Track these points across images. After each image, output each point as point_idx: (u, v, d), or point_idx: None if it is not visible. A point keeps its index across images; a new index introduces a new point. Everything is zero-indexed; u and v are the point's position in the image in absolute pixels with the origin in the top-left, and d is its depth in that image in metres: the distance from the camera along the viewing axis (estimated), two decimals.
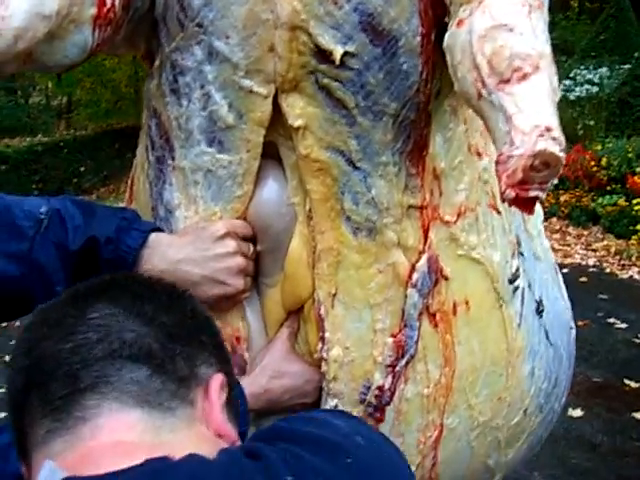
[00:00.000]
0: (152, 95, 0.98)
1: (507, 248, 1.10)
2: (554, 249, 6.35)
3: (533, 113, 0.65)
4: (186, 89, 0.92)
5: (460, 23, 0.75)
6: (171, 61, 0.92)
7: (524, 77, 0.67)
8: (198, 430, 0.65)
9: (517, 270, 1.11)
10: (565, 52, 11.28)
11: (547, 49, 0.69)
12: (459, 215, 1.02)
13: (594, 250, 6.41)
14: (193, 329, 0.69)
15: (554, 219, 7.37)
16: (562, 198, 7.50)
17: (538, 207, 1.27)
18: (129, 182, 1.15)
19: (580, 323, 4.47)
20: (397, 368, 1.02)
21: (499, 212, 1.08)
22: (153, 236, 0.96)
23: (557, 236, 6.86)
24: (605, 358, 4.13)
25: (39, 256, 0.91)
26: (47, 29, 0.75)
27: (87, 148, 11.89)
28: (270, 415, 1.03)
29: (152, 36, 0.94)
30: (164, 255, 0.95)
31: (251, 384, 0.99)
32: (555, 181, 0.66)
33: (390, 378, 1.02)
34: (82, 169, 11.74)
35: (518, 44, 0.68)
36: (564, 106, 9.39)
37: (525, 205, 0.67)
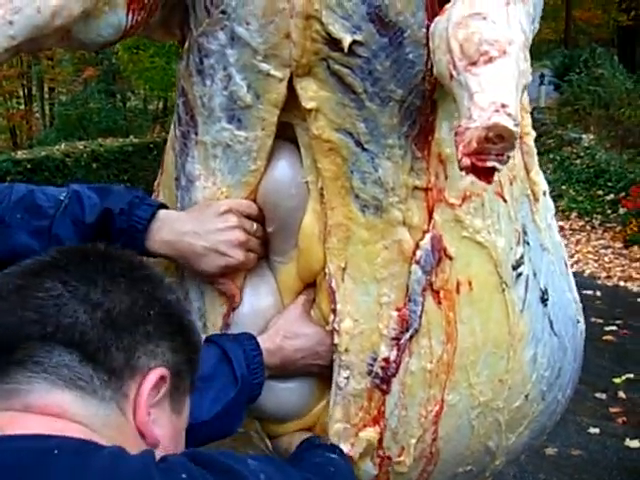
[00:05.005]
0: (181, 75, 1.07)
1: (512, 235, 1.14)
2: (632, 277, 6.27)
3: (493, 91, 0.71)
4: (210, 70, 1.02)
5: (443, 11, 0.83)
6: (198, 44, 1.02)
7: (490, 60, 0.74)
8: (127, 425, 0.67)
9: (521, 257, 1.16)
10: None
11: (519, 37, 0.75)
12: (464, 199, 1.08)
13: None
14: (141, 318, 0.69)
15: (635, 247, 7.25)
16: None
17: (549, 202, 1.32)
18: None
19: None
20: (402, 341, 1.08)
21: (505, 200, 1.13)
22: (163, 212, 1.06)
23: (637, 264, 6.74)
24: None
25: (59, 231, 1.01)
26: (82, 8, 0.85)
27: None
28: (288, 377, 1.11)
29: (184, 22, 1.04)
30: (172, 228, 1.05)
31: (266, 341, 1.08)
32: (511, 154, 0.72)
33: (395, 351, 1.08)
34: None
35: (488, 31, 0.75)
36: None
37: (483, 175, 0.73)
